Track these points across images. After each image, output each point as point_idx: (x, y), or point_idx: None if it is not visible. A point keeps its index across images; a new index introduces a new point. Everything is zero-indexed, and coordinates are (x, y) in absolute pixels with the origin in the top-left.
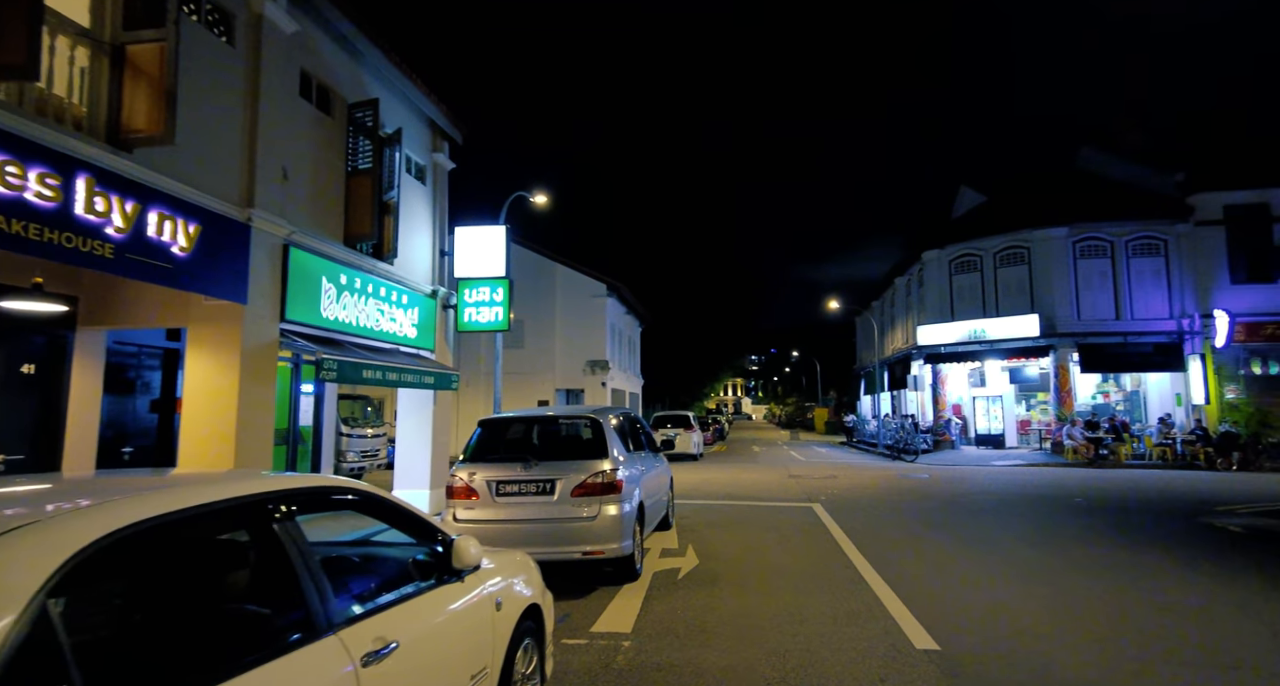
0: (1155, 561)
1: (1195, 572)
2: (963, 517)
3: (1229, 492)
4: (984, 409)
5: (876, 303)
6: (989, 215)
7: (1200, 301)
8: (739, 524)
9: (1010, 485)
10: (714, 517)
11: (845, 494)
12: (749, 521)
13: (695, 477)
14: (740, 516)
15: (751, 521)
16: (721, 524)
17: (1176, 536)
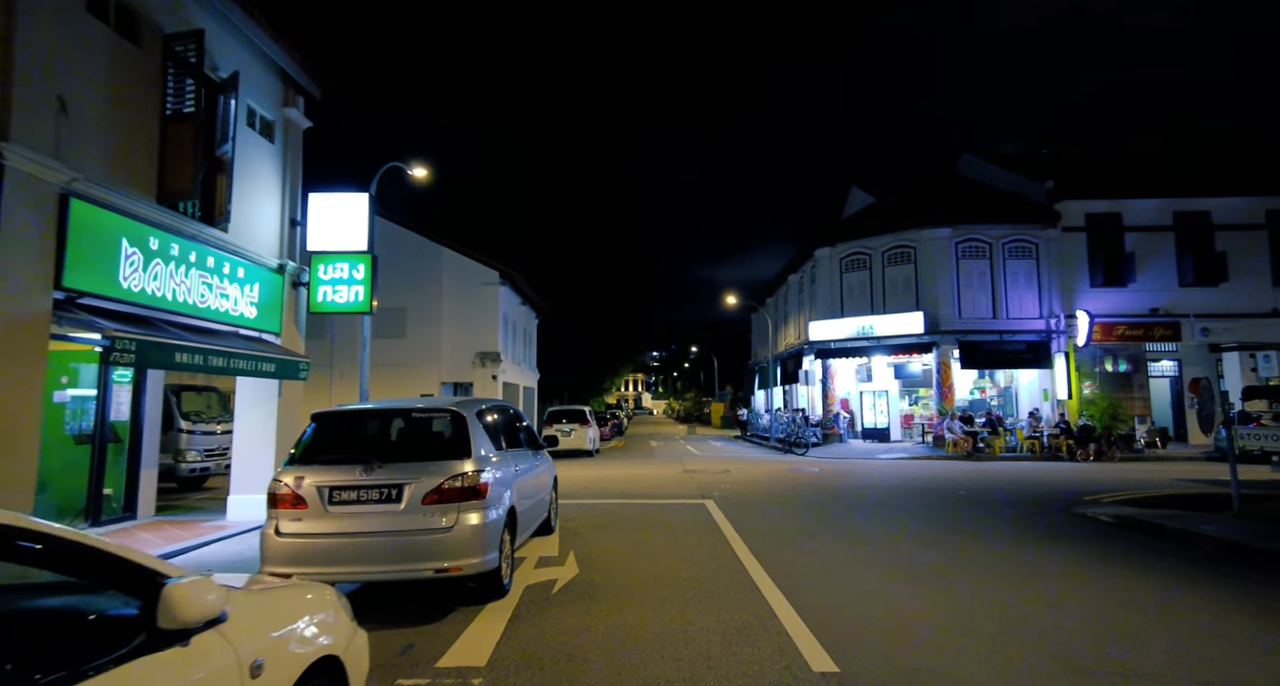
0: (1042, 558)
1: (1081, 567)
2: (855, 513)
3: (1091, 482)
4: (870, 403)
5: (771, 299)
6: (878, 215)
7: (1065, 302)
8: (628, 524)
9: (897, 478)
10: (602, 518)
11: (739, 489)
12: (639, 521)
13: (588, 475)
14: (630, 516)
15: (641, 521)
16: (610, 525)
17: (1056, 529)
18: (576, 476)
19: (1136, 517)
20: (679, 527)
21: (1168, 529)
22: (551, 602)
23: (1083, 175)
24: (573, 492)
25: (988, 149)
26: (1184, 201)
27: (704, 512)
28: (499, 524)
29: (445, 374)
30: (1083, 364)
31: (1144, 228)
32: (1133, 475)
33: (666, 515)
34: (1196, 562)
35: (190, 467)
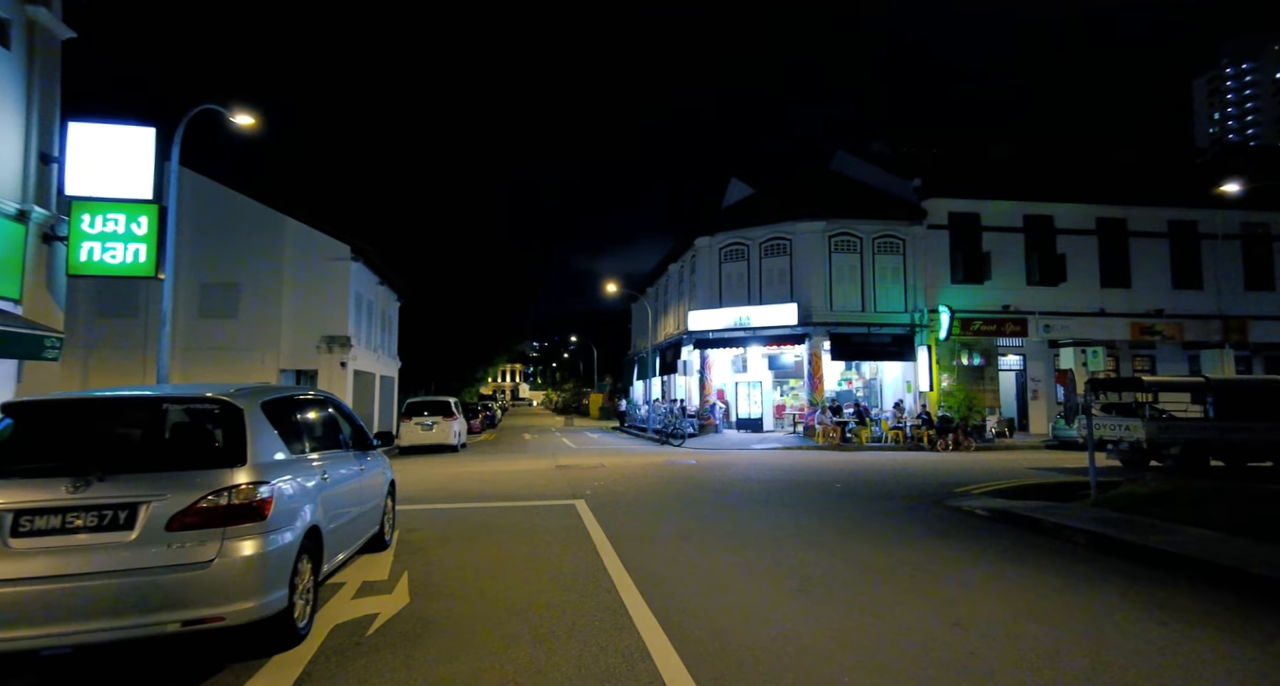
0: (932, 560)
1: (974, 570)
2: (735, 510)
3: (955, 473)
4: (745, 394)
5: (652, 289)
6: (756, 207)
7: (928, 297)
8: (484, 534)
9: (774, 470)
10: (455, 527)
11: (613, 485)
12: (497, 529)
13: (448, 473)
14: (489, 522)
15: (500, 529)
16: (462, 536)
17: (938, 525)
18: (434, 475)
19: (1010, 511)
20: (543, 535)
21: (1043, 523)
22: (364, 649)
23: (946, 175)
24: (425, 496)
25: (859, 147)
26: (1032, 205)
27: (573, 515)
28: (290, 551)
29: (286, 360)
30: (942, 357)
31: (999, 228)
32: (989, 464)
33: (530, 520)
34: (1077, 558)
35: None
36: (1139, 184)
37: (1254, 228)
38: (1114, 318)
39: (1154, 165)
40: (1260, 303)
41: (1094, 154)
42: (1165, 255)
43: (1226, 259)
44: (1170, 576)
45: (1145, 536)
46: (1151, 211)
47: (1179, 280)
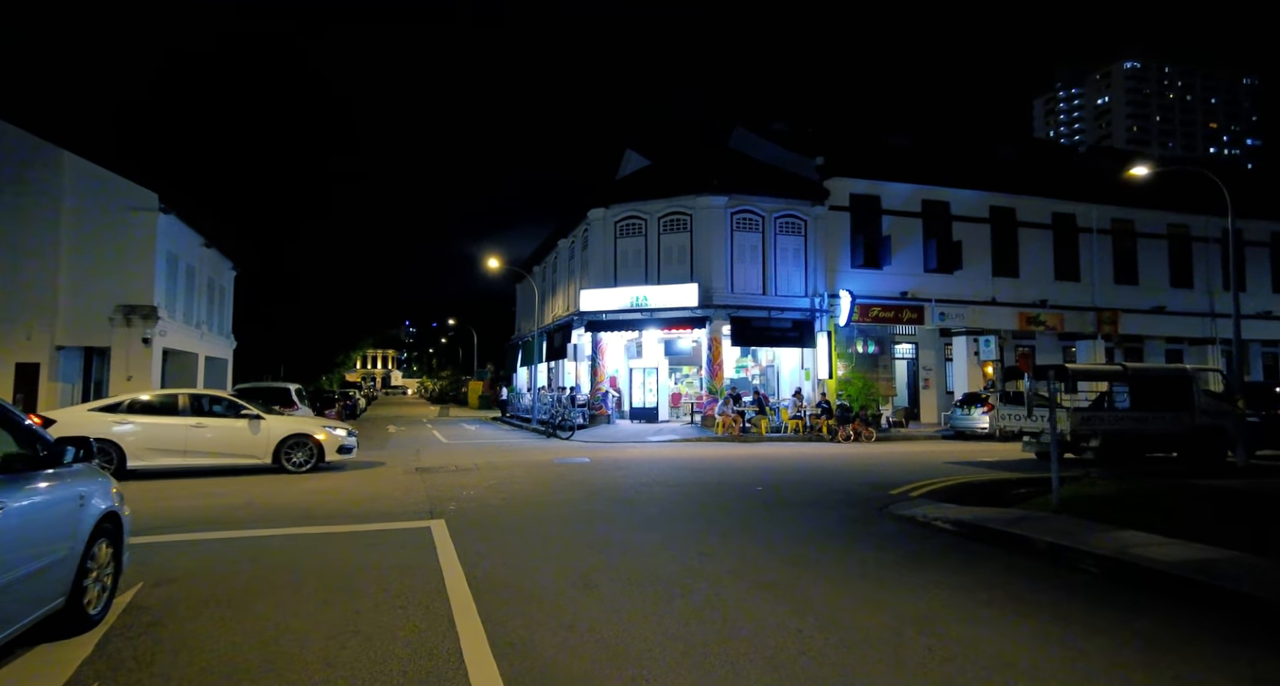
0: (927, 611)
1: (987, 626)
2: (646, 532)
3: (877, 469)
4: (640, 381)
5: (539, 267)
6: (654, 179)
7: (829, 281)
8: (280, 587)
9: (680, 469)
10: (240, 574)
11: (486, 496)
12: (305, 576)
13: (269, 480)
14: (295, 563)
15: (310, 576)
16: (242, 592)
17: (901, 546)
18: (249, 485)
19: (979, 524)
20: (371, 587)
21: (1036, 543)
22: None
23: (848, 154)
24: (220, 518)
25: (759, 124)
26: (930, 190)
27: (426, 546)
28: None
29: (66, 334)
30: (839, 344)
31: (898, 212)
32: (902, 457)
33: (362, 556)
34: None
35: None
36: (1025, 175)
37: (1122, 223)
38: (1004, 307)
39: (1035, 159)
40: (1128, 296)
41: (982, 144)
42: (1049, 247)
43: (1100, 252)
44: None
45: (1164, 557)
46: (1037, 202)
47: (1060, 272)
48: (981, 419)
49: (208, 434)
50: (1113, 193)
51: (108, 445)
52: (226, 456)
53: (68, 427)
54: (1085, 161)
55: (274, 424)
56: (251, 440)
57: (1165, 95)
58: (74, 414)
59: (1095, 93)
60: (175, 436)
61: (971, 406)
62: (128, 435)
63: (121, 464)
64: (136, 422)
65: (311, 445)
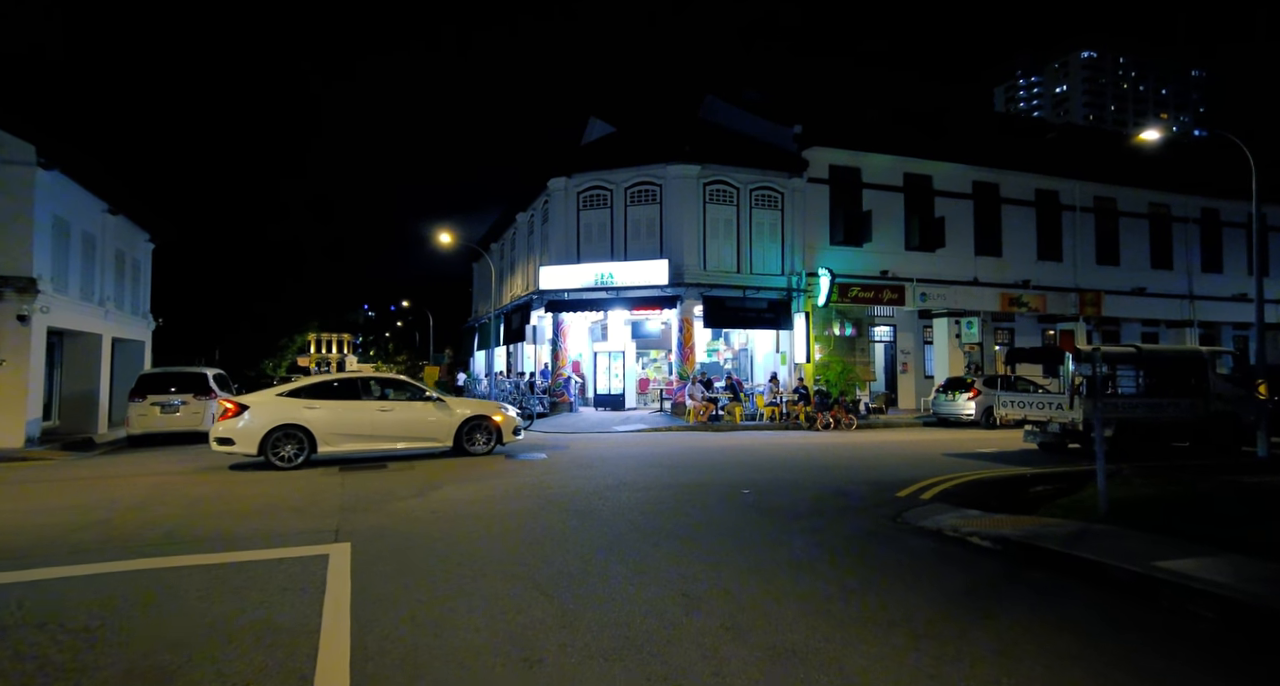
0: None
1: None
2: (608, 556)
3: (872, 462)
4: (605, 366)
5: (497, 244)
6: (620, 146)
7: (807, 259)
8: (62, 669)
9: (652, 466)
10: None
11: (413, 506)
12: (101, 653)
13: (153, 484)
14: (117, 621)
15: (108, 653)
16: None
17: (933, 574)
18: (124, 490)
19: (1030, 542)
20: (202, 675)
21: (1115, 572)
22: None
23: (828, 123)
24: (57, 541)
25: (732, 93)
26: (912, 162)
27: (313, 592)
28: None
29: None
30: (817, 326)
31: (879, 186)
32: (892, 448)
33: (214, 612)
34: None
35: None
36: (1007, 149)
37: (1105, 201)
38: (986, 287)
39: (1014, 134)
40: (1110, 277)
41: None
42: (1032, 225)
43: (1082, 232)
44: None
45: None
46: (1021, 177)
47: (1043, 251)
48: (967, 405)
49: (393, 418)
50: (1095, 169)
51: (299, 430)
52: (410, 440)
53: (262, 411)
54: (1062, 139)
55: (456, 407)
56: (435, 423)
57: (1120, 85)
58: (265, 398)
59: (1053, 80)
60: (362, 420)
61: (955, 391)
62: (317, 419)
63: (312, 448)
64: (324, 407)
65: (490, 427)
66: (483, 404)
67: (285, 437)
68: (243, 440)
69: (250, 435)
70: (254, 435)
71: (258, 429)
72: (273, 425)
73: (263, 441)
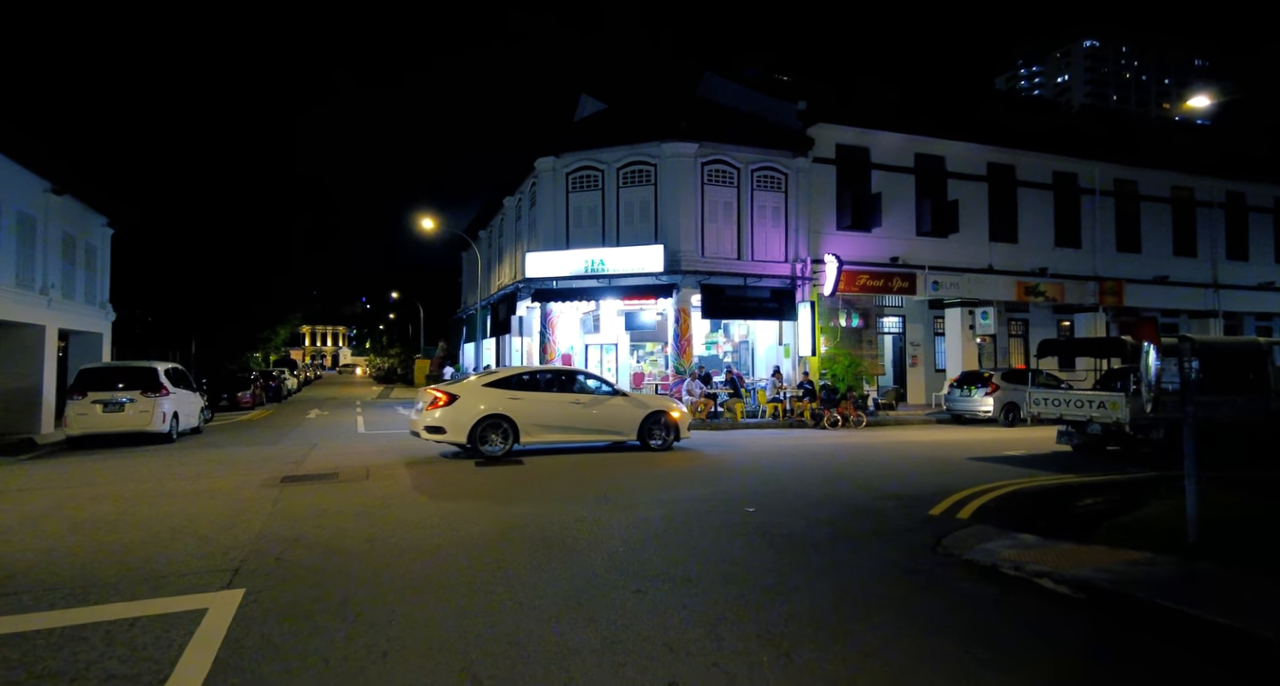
0: None
1: None
2: (577, 616)
3: (890, 468)
4: (597, 359)
5: (485, 232)
6: (612, 123)
7: (812, 245)
8: None
9: (638, 476)
10: None
11: (345, 533)
12: None
13: (41, 504)
14: None
15: None
16: None
17: (998, 638)
18: None
19: (1119, 590)
20: None
21: (1253, 637)
22: None
23: (834, 100)
24: None
25: (731, 71)
26: (924, 142)
27: (156, 678)
28: None
29: None
30: (822, 317)
31: (889, 167)
32: (908, 450)
33: None
34: None
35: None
36: (1023, 129)
37: (1125, 184)
38: (1001, 275)
39: (1031, 114)
40: (1130, 265)
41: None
42: (1049, 210)
43: (1102, 217)
44: None
45: None
46: (1038, 159)
47: (1061, 237)
48: (984, 401)
49: (585, 410)
50: (1115, 151)
51: (504, 420)
52: (599, 433)
53: (471, 401)
54: (1079, 121)
55: (640, 401)
56: (623, 417)
57: (1122, 74)
58: (472, 388)
59: (1055, 70)
60: (557, 412)
61: (971, 386)
62: (519, 410)
63: (515, 438)
64: (526, 398)
65: (667, 423)
66: (663, 400)
67: (492, 427)
68: (454, 429)
69: (461, 424)
70: (465, 424)
71: (468, 418)
72: (482, 415)
73: (472, 430)
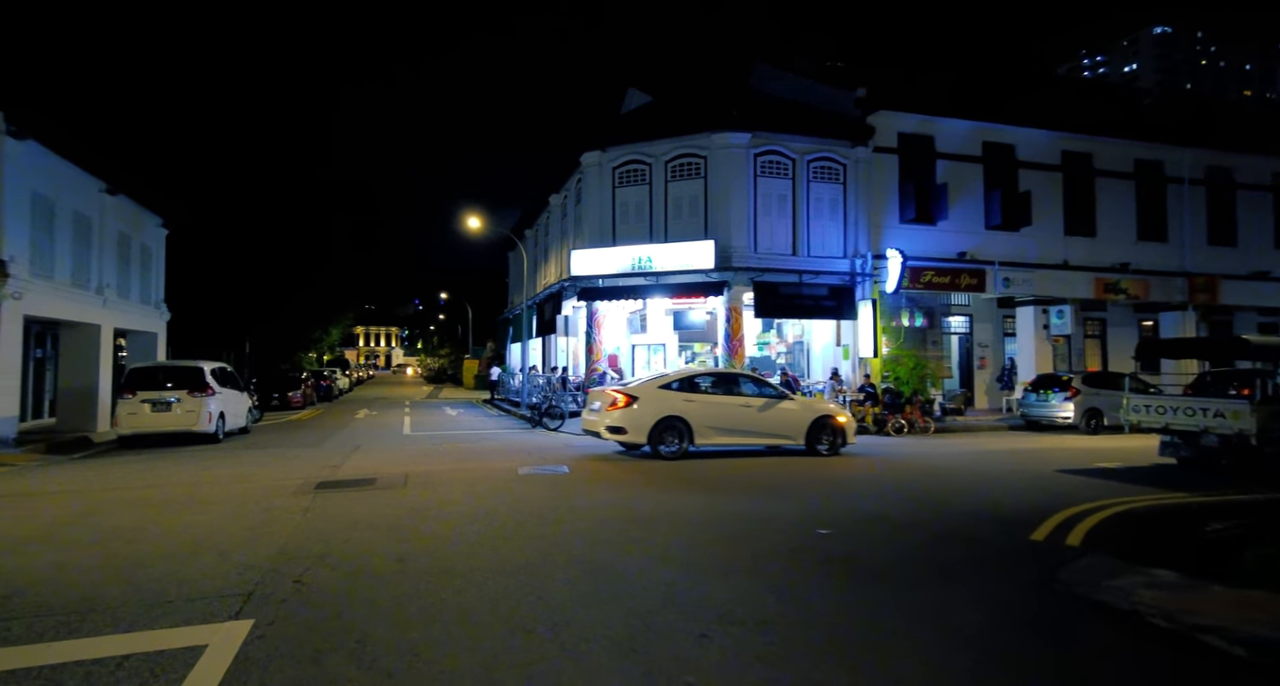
0: None
1: None
2: (630, 668)
3: (975, 482)
4: (645, 360)
5: (530, 231)
6: (660, 115)
7: (873, 240)
8: None
9: (696, 488)
10: None
11: (373, 552)
12: None
13: (70, 510)
14: None
15: None
16: None
17: None
18: (23, 519)
19: None
20: None
21: None
22: None
23: (895, 86)
24: None
25: (784, 60)
26: (992, 129)
27: None
28: None
29: None
30: (884, 315)
31: (955, 156)
32: (988, 460)
33: None
34: None
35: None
36: (1100, 115)
37: (1218, 173)
38: (1078, 271)
39: (1109, 98)
40: (1223, 259)
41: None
42: (1131, 200)
43: (1192, 208)
44: None
45: None
46: (1118, 146)
47: (1144, 231)
48: (1063, 406)
49: (755, 414)
50: (1207, 135)
51: (679, 422)
52: (769, 437)
53: (649, 403)
54: (1159, 106)
55: (809, 405)
56: (792, 421)
57: (1197, 61)
58: (649, 389)
59: (1121, 60)
60: (729, 415)
61: (1048, 390)
62: (694, 413)
63: (690, 440)
64: (699, 400)
65: (834, 428)
66: (828, 404)
67: (668, 428)
68: (634, 430)
69: (641, 426)
70: (644, 426)
71: (648, 420)
72: (660, 416)
73: (651, 431)
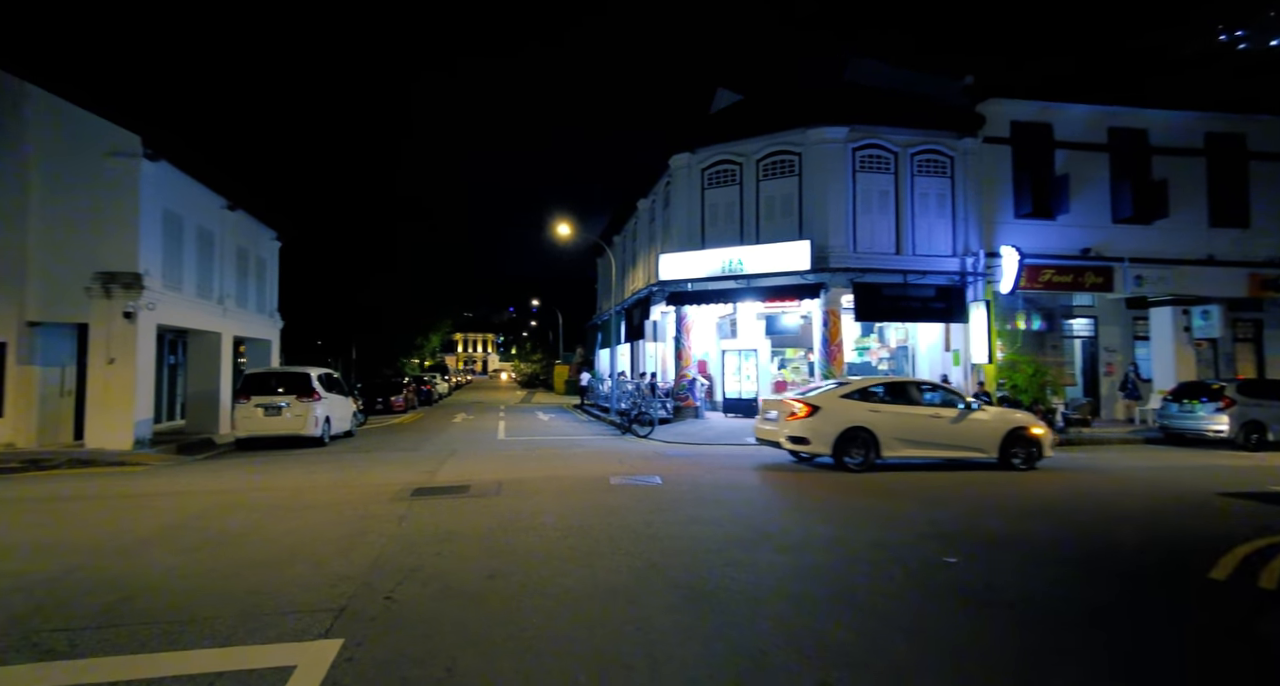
0: None
1: None
2: None
3: (1121, 502)
4: (735, 365)
5: (619, 236)
6: (751, 113)
7: (985, 237)
8: None
9: (800, 506)
10: None
11: (463, 565)
12: None
13: (186, 513)
14: None
15: None
16: None
17: None
18: (143, 519)
19: None
20: None
21: None
22: None
23: (1006, 72)
24: None
25: (882, 49)
26: (1119, 113)
27: None
28: None
29: (38, 308)
30: (998, 318)
31: (1076, 144)
32: (1128, 478)
33: None
34: None
35: None
36: (1251, 91)
37: None
38: (1226, 267)
39: (1252, 77)
40: None
41: (1167, 62)
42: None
43: None
44: None
45: None
46: (1277, 124)
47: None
48: (1214, 418)
49: (946, 425)
50: None
51: (864, 432)
52: (960, 449)
53: (832, 413)
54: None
55: (1002, 415)
56: (985, 433)
57: None
58: (830, 399)
59: (1267, 33)
60: (916, 426)
61: (1193, 400)
62: (879, 423)
63: (876, 452)
64: (884, 410)
65: (1030, 439)
66: (1026, 415)
67: (851, 439)
68: (817, 441)
69: (825, 436)
70: (828, 436)
71: (832, 430)
72: (845, 427)
73: (836, 442)
